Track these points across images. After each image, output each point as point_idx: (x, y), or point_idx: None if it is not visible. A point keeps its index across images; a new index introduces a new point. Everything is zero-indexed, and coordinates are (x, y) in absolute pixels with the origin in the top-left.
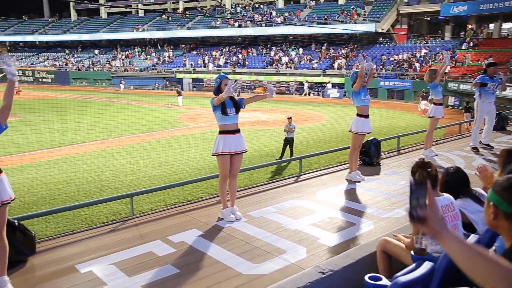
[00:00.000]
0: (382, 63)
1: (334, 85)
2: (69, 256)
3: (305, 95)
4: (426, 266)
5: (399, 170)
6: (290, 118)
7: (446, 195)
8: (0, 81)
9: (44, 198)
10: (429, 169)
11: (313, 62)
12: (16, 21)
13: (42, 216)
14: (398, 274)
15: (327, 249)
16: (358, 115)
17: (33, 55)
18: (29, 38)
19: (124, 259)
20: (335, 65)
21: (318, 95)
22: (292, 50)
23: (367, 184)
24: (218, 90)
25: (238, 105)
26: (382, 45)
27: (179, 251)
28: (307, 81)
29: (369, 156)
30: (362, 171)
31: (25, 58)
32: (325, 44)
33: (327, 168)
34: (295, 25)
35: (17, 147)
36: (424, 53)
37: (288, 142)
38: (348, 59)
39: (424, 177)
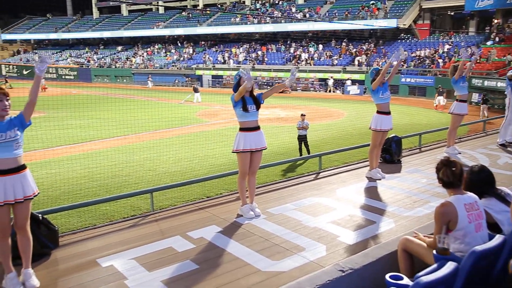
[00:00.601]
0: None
1: (354, 82)
2: (91, 250)
3: (330, 91)
4: (450, 266)
5: (420, 168)
6: (303, 115)
7: (470, 194)
8: (26, 77)
9: (67, 193)
10: (453, 168)
11: (333, 58)
12: (40, 19)
13: (65, 210)
14: (420, 274)
15: (346, 247)
16: (378, 112)
17: (56, 52)
18: (52, 36)
19: (144, 254)
20: (356, 62)
21: (341, 91)
22: (312, 46)
23: (388, 182)
24: (237, 87)
25: (258, 102)
26: (403, 41)
27: (198, 247)
28: (332, 77)
29: (390, 153)
30: (383, 168)
31: (48, 55)
32: (345, 40)
33: (347, 166)
34: (314, 21)
35: (41, 143)
36: (447, 48)
37: (302, 139)
38: (368, 55)
39: (448, 175)
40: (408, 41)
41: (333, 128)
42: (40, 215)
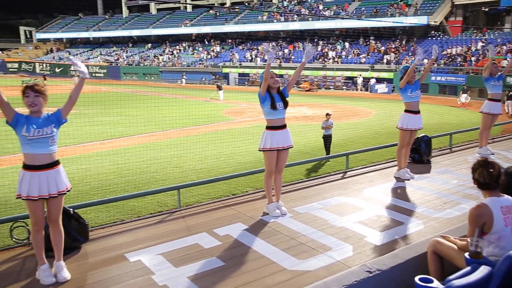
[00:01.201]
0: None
1: (381, 80)
2: (119, 244)
3: (360, 90)
4: (483, 270)
5: (451, 169)
6: (328, 114)
7: (507, 196)
8: (58, 75)
9: (96, 188)
10: (491, 169)
11: (360, 56)
12: (72, 18)
13: (95, 205)
14: (451, 277)
15: (373, 248)
16: (406, 111)
17: (87, 51)
18: (84, 35)
19: (171, 250)
20: (384, 60)
21: (366, 90)
22: (339, 44)
23: (417, 183)
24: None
25: (285, 100)
26: (434, 38)
27: (224, 244)
28: (360, 75)
29: (419, 153)
30: (412, 168)
31: (80, 53)
32: (373, 38)
33: (374, 165)
34: (342, 18)
35: (72, 139)
36: (481, 46)
37: (327, 139)
38: (398, 53)
39: (485, 176)
40: (439, 38)
41: (360, 127)
42: (71, 209)
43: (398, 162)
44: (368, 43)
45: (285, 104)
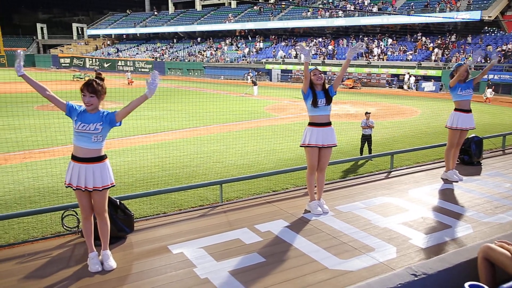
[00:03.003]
0: (486, 55)
1: (429, 78)
2: (163, 236)
3: (409, 88)
4: None
5: (503, 172)
6: (368, 113)
7: None
8: (106, 70)
9: (140, 180)
10: None
11: (407, 53)
12: (121, 15)
13: (140, 197)
14: (505, 286)
15: (419, 251)
16: (456, 109)
17: (134, 46)
18: (131, 31)
19: (212, 244)
20: (432, 57)
21: (417, 89)
22: (385, 41)
23: (466, 185)
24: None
25: (330, 97)
26: (488, 34)
27: (265, 240)
28: (409, 73)
29: (469, 154)
30: (461, 170)
31: (127, 49)
32: (420, 34)
33: (420, 166)
34: (389, 14)
35: (118, 132)
36: None
37: (366, 139)
38: (448, 50)
39: None
40: (493, 34)
41: (405, 126)
42: (118, 200)
43: (446, 163)
44: (416, 39)
45: (329, 101)
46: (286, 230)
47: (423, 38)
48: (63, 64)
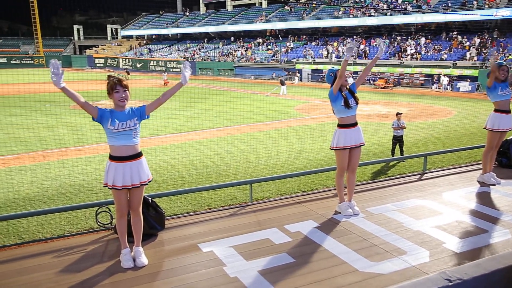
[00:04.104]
0: None
1: (465, 78)
2: (193, 235)
3: (443, 89)
4: None
5: None
6: (399, 114)
7: None
8: (139, 70)
9: (171, 179)
10: None
11: (442, 52)
12: (153, 16)
13: (171, 196)
14: None
15: (453, 255)
16: (495, 110)
17: (166, 47)
18: (163, 31)
19: (242, 243)
20: (467, 56)
21: (452, 89)
22: (418, 39)
23: (504, 188)
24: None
25: (356, 96)
26: None
27: (295, 241)
28: (442, 74)
29: (507, 157)
30: (498, 173)
31: (159, 49)
32: (456, 33)
33: (454, 168)
34: (423, 12)
35: (149, 131)
36: None
37: (398, 140)
38: (485, 49)
39: None
40: None
41: (438, 127)
42: (149, 198)
43: (483, 166)
44: (451, 38)
45: (356, 101)
46: (316, 231)
47: (459, 37)
48: (97, 64)
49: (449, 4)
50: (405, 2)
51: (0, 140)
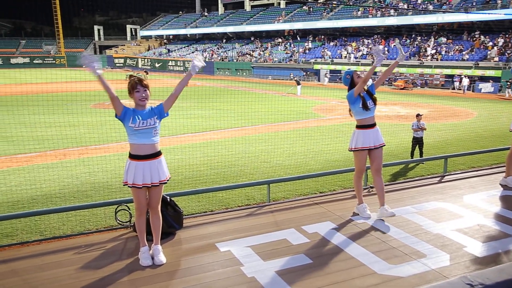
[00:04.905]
0: None
1: (487, 79)
2: (210, 234)
3: (463, 91)
4: None
5: None
6: (419, 115)
7: None
8: (158, 70)
9: (188, 178)
10: None
11: (463, 53)
12: (172, 16)
13: (188, 195)
14: None
15: (474, 259)
16: None
17: (184, 47)
18: (182, 32)
19: (259, 243)
20: (493, 54)
21: (473, 91)
22: (439, 39)
23: None
24: (352, 86)
25: (374, 97)
26: None
27: (312, 242)
28: (464, 76)
29: None
30: None
31: (177, 49)
32: (478, 33)
33: (476, 170)
34: (444, 12)
35: (167, 130)
36: None
37: (418, 141)
38: (509, 49)
39: None
40: None
41: (459, 129)
42: (168, 197)
43: (506, 168)
44: (473, 38)
45: (375, 102)
46: (334, 232)
47: (481, 37)
48: (117, 64)
49: (473, 3)
50: (426, 2)
51: (24, 138)
